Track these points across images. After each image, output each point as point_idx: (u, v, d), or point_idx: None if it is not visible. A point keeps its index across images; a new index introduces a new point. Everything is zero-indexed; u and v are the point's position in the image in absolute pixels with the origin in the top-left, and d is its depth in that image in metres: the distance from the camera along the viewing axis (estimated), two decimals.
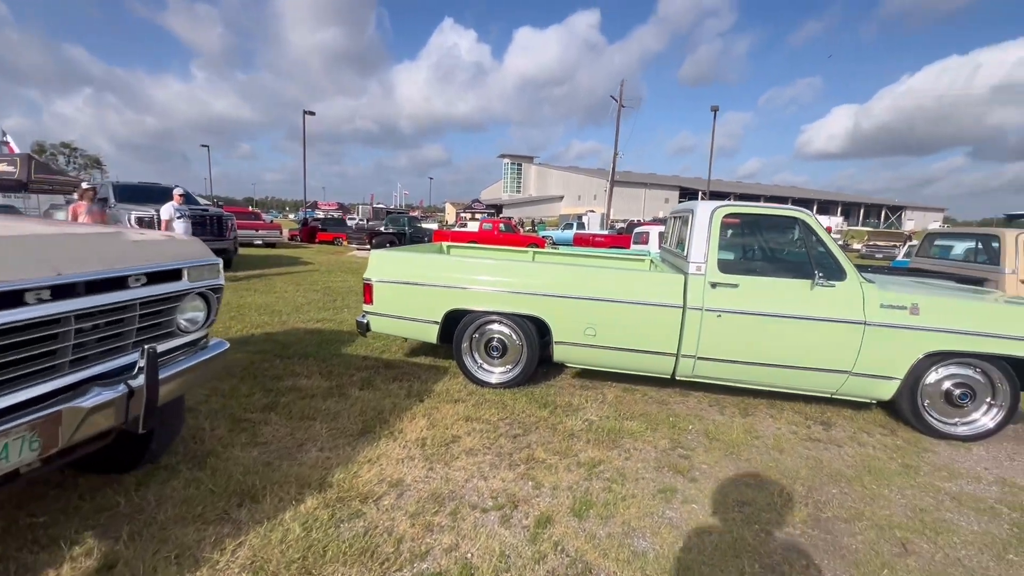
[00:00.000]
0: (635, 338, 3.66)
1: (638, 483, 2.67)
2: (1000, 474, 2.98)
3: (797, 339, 3.43)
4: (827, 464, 2.99)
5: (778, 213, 3.61)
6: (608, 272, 3.73)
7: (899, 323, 3.30)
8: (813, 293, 3.43)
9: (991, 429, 3.37)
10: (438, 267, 3.95)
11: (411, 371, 4.27)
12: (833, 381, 3.47)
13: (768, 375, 3.56)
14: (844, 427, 3.55)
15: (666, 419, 3.52)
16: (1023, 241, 5.89)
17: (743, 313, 3.47)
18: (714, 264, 3.56)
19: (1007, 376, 3.30)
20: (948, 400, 3.41)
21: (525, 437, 3.15)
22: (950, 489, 2.77)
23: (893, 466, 3.01)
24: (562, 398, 3.80)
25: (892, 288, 3.45)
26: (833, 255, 3.45)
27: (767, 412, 3.76)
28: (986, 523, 2.47)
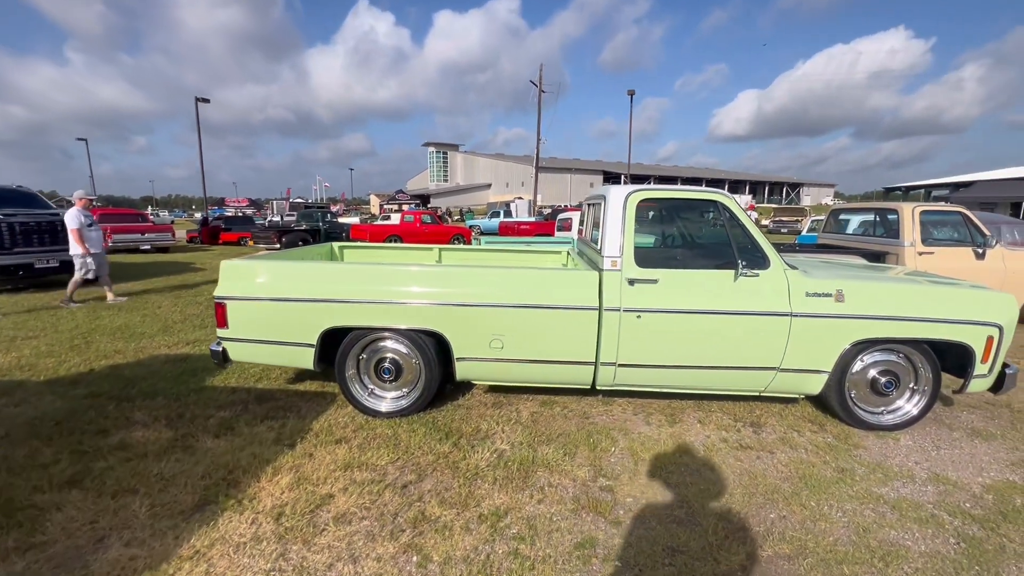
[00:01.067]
0: (547, 347, 3.16)
1: (551, 538, 2.17)
2: (931, 468, 2.79)
3: (723, 337, 3.08)
4: (761, 479, 2.65)
5: (697, 196, 3.23)
6: (513, 274, 3.19)
7: (826, 312, 3.04)
8: (737, 284, 3.09)
9: (915, 416, 3.21)
10: (310, 277, 3.23)
11: (290, 404, 3.53)
12: (761, 379, 3.17)
13: (695, 378, 3.20)
14: (774, 427, 3.27)
15: (586, 438, 3.06)
16: (919, 214, 6.06)
17: (665, 312, 3.07)
18: (630, 257, 3.12)
19: (928, 360, 3.14)
20: (874, 389, 3.22)
21: (418, 485, 2.56)
22: (888, 496, 2.52)
23: (828, 472, 2.73)
24: (469, 423, 3.24)
25: (815, 274, 3.18)
26: (755, 241, 3.12)
27: (695, 416, 3.42)
28: (931, 539, 2.20)
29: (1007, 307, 3.06)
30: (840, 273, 3.30)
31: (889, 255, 6.14)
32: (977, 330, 3.02)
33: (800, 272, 3.14)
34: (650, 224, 3.43)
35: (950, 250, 5.95)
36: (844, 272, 3.37)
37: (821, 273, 3.24)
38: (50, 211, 8.31)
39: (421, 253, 4.92)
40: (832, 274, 3.24)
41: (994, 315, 3.03)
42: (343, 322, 3.18)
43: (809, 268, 3.42)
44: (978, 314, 3.02)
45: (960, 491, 2.57)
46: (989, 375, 3.11)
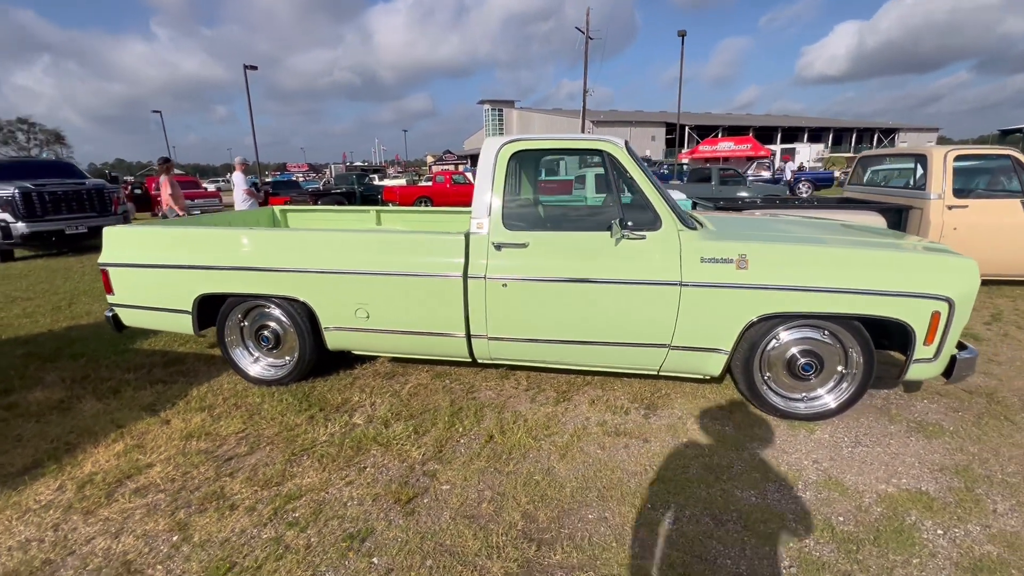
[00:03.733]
0: (414, 318, 2.92)
1: (327, 526, 2.02)
2: (829, 469, 2.32)
3: (600, 309, 2.69)
4: (610, 472, 2.33)
5: (580, 146, 2.78)
6: (373, 238, 2.95)
7: (723, 281, 2.55)
8: (618, 248, 2.67)
9: (832, 409, 2.70)
10: (184, 244, 3.16)
11: (192, 369, 3.58)
12: (652, 357, 2.77)
13: (576, 354, 2.85)
14: (672, 411, 2.88)
15: (452, 415, 2.84)
16: (953, 159, 5.04)
17: (532, 280, 2.72)
18: (499, 219, 2.77)
19: (859, 339, 2.58)
20: (791, 372, 2.72)
21: (243, 459, 2.48)
22: (747, 501, 2.12)
23: (695, 469, 2.35)
24: (343, 395, 3.12)
25: (720, 236, 2.67)
26: (647, 197, 2.66)
27: (592, 394, 3.09)
28: (760, 559, 1.82)
29: (960, 276, 2.43)
30: (754, 234, 2.76)
31: (913, 210, 5.22)
32: (917, 304, 2.42)
33: (699, 234, 2.65)
34: (525, 180, 3.02)
35: (990, 202, 4.96)
36: (761, 233, 2.82)
37: (730, 234, 2.72)
38: (78, 180, 8.94)
39: (358, 216, 4.75)
40: (742, 235, 2.72)
41: (941, 286, 2.41)
42: (215, 289, 3.11)
43: (727, 227, 2.90)
44: (918, 284, 2.42)
45: (845, 501, 2.12)
46: (935, 359, 2.51)
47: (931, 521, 1.98)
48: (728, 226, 2.99)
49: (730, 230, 2.86)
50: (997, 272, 5.09)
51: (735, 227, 2.98)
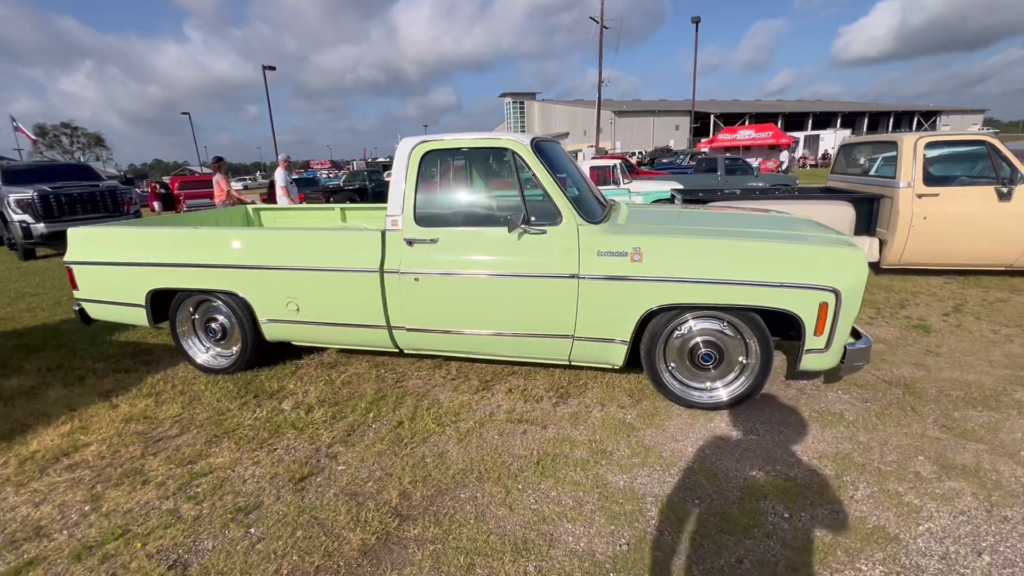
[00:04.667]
0: (339, 310, 3.10)
1: (222, 500, 2.21)
2: (708, 457, 2.39)
3: (507, 301, 2.81)
4: (497, 456, 2.45)
5: (486, 144, 2.88)
6: (299, 236, 3.13)
7: (618, 274, 2.63)
8: (522, 243, 2.77)
9: (723, 401, 2.75)
10: (137, 242, 3.41)
11: (157, 359, 3.85)
12: (559, 348, 2.87)
13: (490, 345, 2.98)
14: (583, 399, 2.98)
15: (373, 402, 3.02)
16: (923, 146, 4.90)
17: (443, 274, 2.85)
18: (411, 216, 2.91)
19: (755, 330, 2.62)
20: (693, 362, 2.78)
21: (172, 440, 2.71)
22: (616, 485, 2.21)
23: (579, 453, 2.45)
24: (284, 382, 3.33)
25: (619, 230, 2.74)
26: (547, 192, 2.75)
27: (513, 383, 3.21)
28: (601, 537, 1.92)
29: (847, 267, 2.44)
30: (656, 227, 2.82)
31: (884, 199, 5.12)
32: (804, 295, 2.45)
33: (599, 228, 2.73)
34: (437, 178, 3.13)
35: (962, 190, 4.82)
36: (664, 226, 2.88)
37: (631, 228, 2.79)
38: (92, 183, 9.48)
39: (324, 213, 4.95)
40: (642, 229, 2.78)
41: (827, 277, 2.43)
42: (164, 284, 3.35)
43: (633, 222, 2.96)
44: (805, 275, 2.45)
45: (709, 486, 2.18)
46: (827, 350, 2.53)
47: (783, 505, 2.04)
48: (640, 219, 3.05)
49: (637, 224, 2.92)
50: (970, 262, 4.95)
51: (645, 220, 3.03)
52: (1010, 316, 4.04)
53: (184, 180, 18.76)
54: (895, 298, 4.64)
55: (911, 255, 4.99)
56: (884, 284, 5.08)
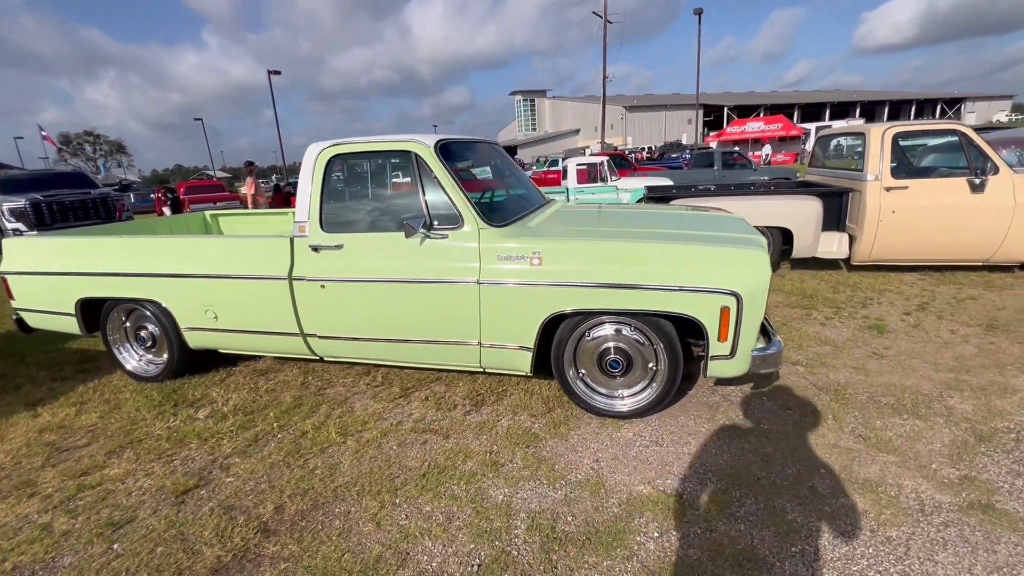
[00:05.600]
0: (254, 318, 3.07)
1: (95, 516, 2.19)
2: (602, 469, 2.28)
3: (411, 308, 2.74)
4: (387, 467, 2.39)
5: (390, 148, 2.81)
6: (211, 243, 3.11)
7: (518, 279, 2.54)
8: (424, 248, 2.70)
9: (629, 410, 2.64)
10: (65, 252, 3.43)
11: (99, 367, 3.88)
12: (469, 354, 2.79)
13: (400, 352, 2.91)
14: (497, 407, 2.89)
15: (286, 411, 2.98)
16: (891, 137, 4.68)
17: (348, 281, 2.80)
18: (316, 222, 2.86)
19: (661, 336, 2.51)
20: (602, 368, 2.68)
21: (78, 451, 2.71)
22: (485, 502, 2.13)
23: (470, 464, 2.37)
24: (209, 390, 3.32)
25: (521, 234, 2.65)
26: (449, 196, 2.67)
27: (434, 390, 3.14)
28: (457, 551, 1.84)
29: (748, 269, 2.31)
30: (561, 231, 2.72)
31: (854, 193, 4.92)
32: (705, 299, 2.33)
33: (501, 232, 2.65)
34: (345, 183, 3.07)
35: (932, 182, 4.59)
36: (571, 229, 2.77)
37: (534, 232, 2.70)
38: (84, 191, 9.69)
39: (281, 219, 4.94)
40: (546, 233, 2.69)
41: (728, 280, 2.31)
42: (90, 293, 3.36)
43: (542, 226, 2.86)
44: (704, 279, 2.33)
45: (590, 500, 2.09)
46: (733, 356, 2.41)
47: (656, 523, 1.93)
48: (555, 222, 2.95)
49: (548, 226, 2.83)
50: (944, 257, 4.72)
51: (559, 223, 2.93)
52: (975, 315, 3.83)
53: (189, 186, 19.14)
54: (859, 296, 4.44)
55: (881, 251, 4.78)
56: (852, 281, 4.88)
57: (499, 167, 3.61)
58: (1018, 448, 2.23)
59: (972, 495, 1.98)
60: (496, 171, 3.57)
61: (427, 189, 2.72)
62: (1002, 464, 2.14)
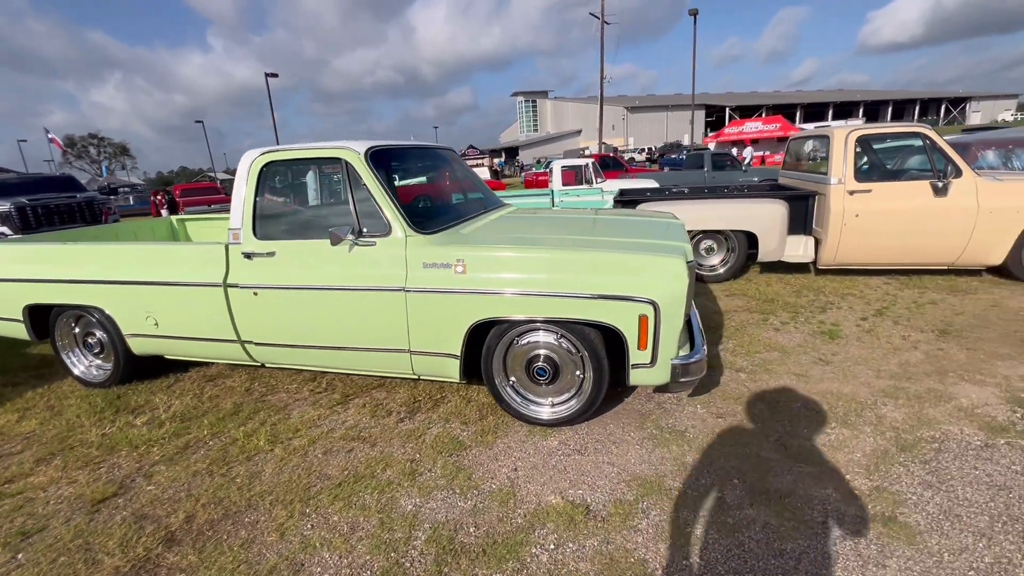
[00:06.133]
0: (193, 325, 3.07)
1: (7, 524, 2.20)
2: (519, 478, 2.27)
3: (341, 315, 2.74)
4: (307, 476, 2.38)
5: (322, 155, 2.81)
6: (150, 249, 3.11)
7: (443, 287, 2.54)
8: (353, 255, 2.70)
9: (555, 418, 2.65)
10: (11, 258, 3.45)
11: (54, 373, 3.90)
12: (400, 362, 2.78)
13: (335, 359, 2.91)
14: (431, 414, 2.88)
15: (224, 418, 2.98)
16: (855, 140, 4.64)
17: (279, 288, 2.80)
18: (250, 229, 2.86)
19: (584, 344, 2.49)
20: (530, 376, 2.67)
21: (10, 458, 2.72)
22: (392, 512, 2.12)
23: (389, 473, 2.36)
24: (153, 396, 3.33)
25: (447, 241, 2.64)
26: (377, 203, 2.67)
27: (375, 396, 3.13)
28: None
29: (664, 276, 2.29)
30: (486, 237, 2.71)
31: (819, 196, 4.88)
32: (623, 308, 2.32)
33: (428, 239, 2.64)
34: (280, 190, 3.07)
35: (896, 186, 4.55)
36: (495, 235, 2.76)
37: (461, 239, 2.69)
38: (70, 194, 9.76)
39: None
40: (471, 239, 2.68)
41: (644, 288, 2.29)
42: (36, 299, 3.38)
43: (474, 233, 2.85)
44: (621, 287, 2.31)
45: (498, 510, 2.08)
46: (654, 365, 2.39)
47: (556, 535, 1.92)
48: (489, 229, 2.93)
49: (480, 233, 2.81)
50: (908, 261, 4.67)
51: (492, 230, 2.91)
52: (931, 320, 3.79)
53: (185, 188, 19.28)
54: (821, 301, 4.40)
55: (845, 255, 4.74)
56: (817, 286, 4.84)
57: (446, 172, 3.61)
58: (936, 459, 2.21)
59: (878, 507, 1.95)
60: (441, 176, 3.56)
61: (357, 196, 2.71)
62: (916, 475, 2.11)
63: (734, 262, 5.13)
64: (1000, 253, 4.39)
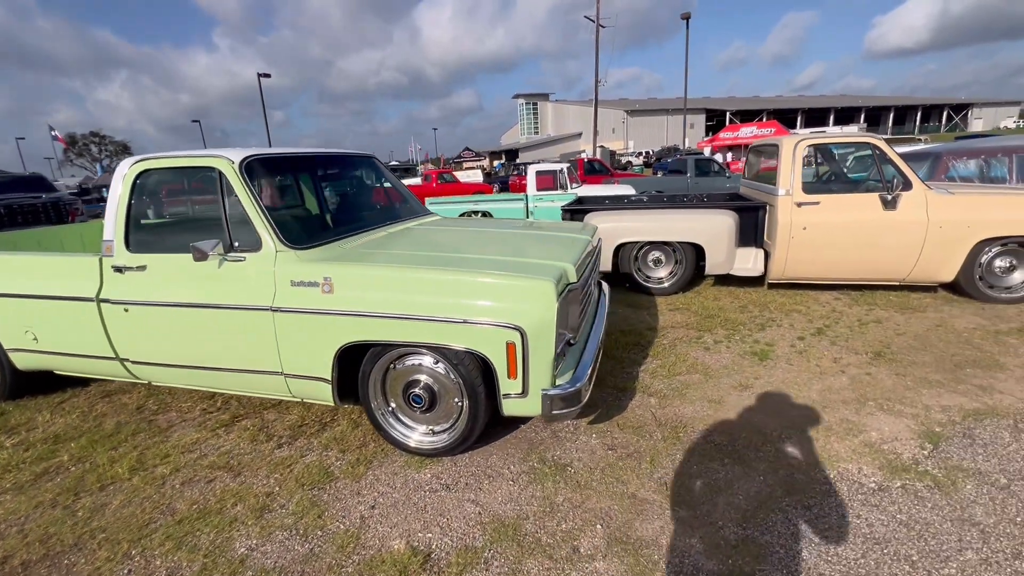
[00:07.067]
0: (70, 340, 2.91)
1: None
2: (373, 517, 2.10)
3: (212, 334, 2.57)
4: (151, 511, 2.21)
5: (195, 164, 2.64)
6: (24, 260, 2.95)
7: (310, 307, 2.36)
8: (223, 271, 2.53)
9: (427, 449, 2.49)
10: None
11: None
12: (277, 384, 2.61)
13: (210, 380, 2.74)
14: (312, 440, 2.71)
15: (99, 440, 2.81)
16: (803, 149, 4.45)
17: (149, 305, 2.64)
18: (122, 242, 2.70)
19: (458, 371, 2.31)
20: (408, 402, 2.49)
21: None
22: (226, 555, 1.94)
23: (237, 509, 2.19)
24: (38, 414, 3.16)
25: (317, 258, 2.47)
26: (248, 216, 2.50)
27: (263, 418, 2.96)
28: None
29: (530, 302, 2.11)
30: (357, 254, 2.53)
31: (770, 207, 4.70)
32: (490, 333, 2.14)
33: (299, 255, 2.46)
34: (154, 201, 2.91)
35: (845, 198, 4.37)
36: (381, 252, 2.59)
37: (332, 256, 2.51)
38: (35, 195, 9.63)
39: None
40: (350, 256, 2.50)
41: (509, 314, 2.11)
42: None
43: (363, 248, 2.68)
44: (486, 312, 2.13)
45: (333, 557, 1.90)
46: (526, 395, 2.21)
47: None
48: (376, 245, 2.75)
49: (361, 250, 2.64)
50: (858, 276, 4.48)
51: (380, 246, 2.73)
52: (869, 341, 3.60)
53: None
54: (764, 317, 4.21)
55: (794, 269, 4.55)
56: (765, 301, 4.64)
57: (355, 181, 3.44)
58: (820, 504, 2.02)
59: (738, 562, 1.77)
60: (349, 186, 3.40)
61: (229, 208, 2.55)
62: (791, 524, 1.93)
63: (682, 275, 4.94)
64: (951, 269, 4.19)
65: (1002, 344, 3.42)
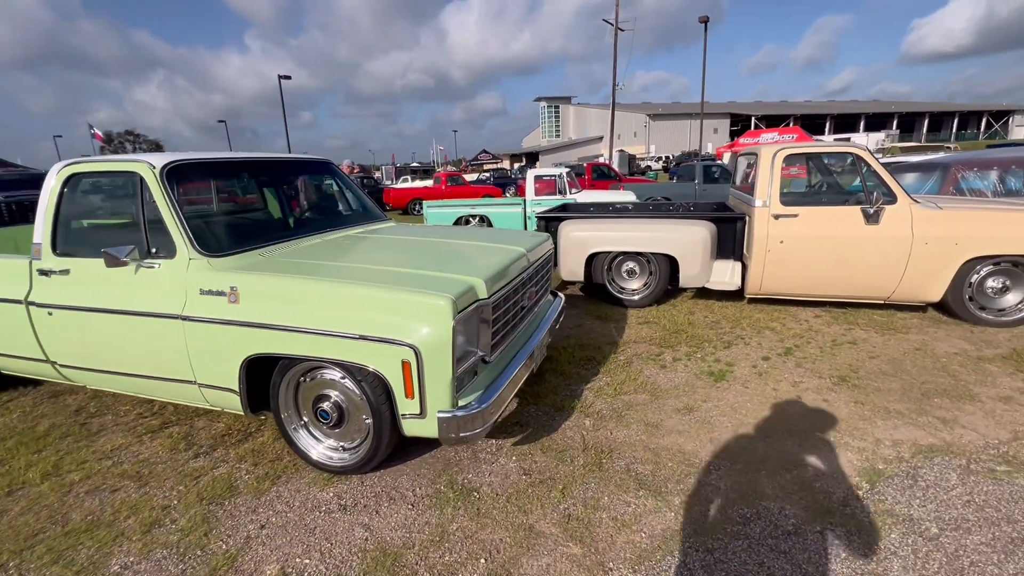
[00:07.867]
0: (4, 341, 2.93)
1: None
2: (265, 540, 2.02)
3: (127, 341, 2.54)
4: (46, 523, 2.18)
5: (118, 168, 2.62)
6: None
7: (217, 316, 2.31)
8: (138, 278, 2.49)
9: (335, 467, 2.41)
10: None
11: None
12: (191, 393, 2.56)
13: (135, 386, 2.71)
14: (231, 451, 2.66)
15: (25, 443, 2.82)
16: (783, 159, 4.24)
17: (69, 309, 2.62)
18: (49, 245, 2.70)
19: (366, 390, 2.21)
20: (317, 417, 2.41)
21: None
22: (106, 569, 1.89)
23: (128, 524, 2.14)
24: None
25: (228, 267, 2.41)
26: (164, 221, 2.46)
27: (191, 425, 2.93)
28: None
29: (424, 320, 2.00)
30: (265, 264, 2.46)
31: (748, 219, 4.50)
32: (385, 351, 2.04)
33: (212, 262, 2.41)
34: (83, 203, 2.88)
35: (824, 211, 4.15)
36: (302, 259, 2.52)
37: (244, 265, 2.45)
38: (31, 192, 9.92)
39: None
40: (260, 265, 2.44)
41: (403, 331, 2.01)
42: None
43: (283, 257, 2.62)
44: (381, 328, 2.04)
45: None
46: (423, 416, 2.11)
47: None
48: (301, 254, 2.68)
49: (281, 259, 2.57)
50: (837, 293, 4.25)
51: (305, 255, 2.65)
52: (838, 364, 3.38)
53: None
54: (732, 334, 4.02)
55: (770, 284, 4.34)
56: (739, 316, 4.44)
57: (294, 186, 3.39)
58: (725, 548, 1.86)
59: None
60: (290, 191, 3.35)
61: (148, 214, 2.51)
62: (688, 568, 1.77)
63: (655, 287, 4.76)
64: (938, 289, 3.93)
65: (981, 372, 3.17)
